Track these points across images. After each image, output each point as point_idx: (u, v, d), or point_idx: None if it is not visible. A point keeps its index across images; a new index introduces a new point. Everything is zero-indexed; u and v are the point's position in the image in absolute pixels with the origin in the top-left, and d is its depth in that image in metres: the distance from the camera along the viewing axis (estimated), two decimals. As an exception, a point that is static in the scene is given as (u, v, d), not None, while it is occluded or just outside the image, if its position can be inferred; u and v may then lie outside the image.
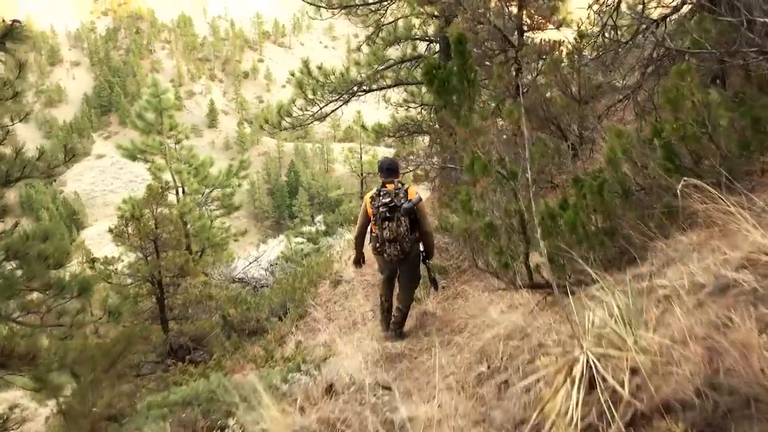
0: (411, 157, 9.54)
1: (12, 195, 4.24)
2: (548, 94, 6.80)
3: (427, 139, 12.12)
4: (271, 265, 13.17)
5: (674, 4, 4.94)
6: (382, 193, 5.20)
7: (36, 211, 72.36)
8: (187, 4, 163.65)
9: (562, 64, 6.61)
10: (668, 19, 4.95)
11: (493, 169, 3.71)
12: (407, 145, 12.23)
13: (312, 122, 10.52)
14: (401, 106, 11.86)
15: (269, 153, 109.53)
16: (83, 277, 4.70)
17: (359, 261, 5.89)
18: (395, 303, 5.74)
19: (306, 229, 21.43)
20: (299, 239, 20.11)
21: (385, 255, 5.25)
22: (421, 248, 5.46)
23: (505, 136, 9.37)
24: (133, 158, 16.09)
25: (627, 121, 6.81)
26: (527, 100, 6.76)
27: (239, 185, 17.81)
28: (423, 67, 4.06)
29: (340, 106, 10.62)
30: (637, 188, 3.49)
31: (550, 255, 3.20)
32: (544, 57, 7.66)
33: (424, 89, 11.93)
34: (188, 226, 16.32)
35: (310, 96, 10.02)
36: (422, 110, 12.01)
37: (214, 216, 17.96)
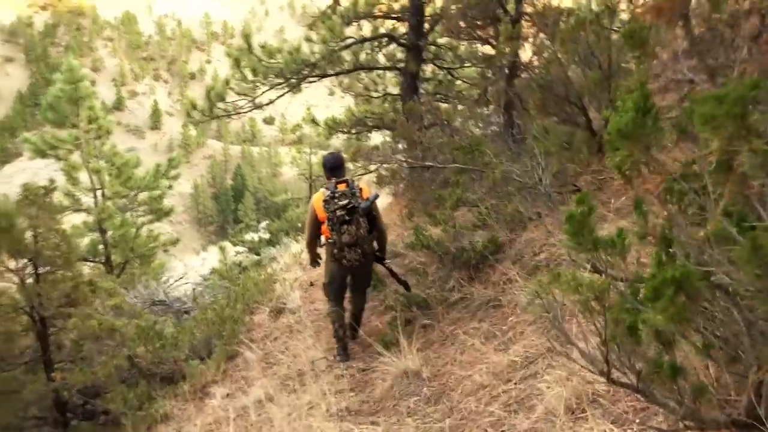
0: (374, 154, 7.73)
1: None
2: (567, 72, 5.07)
3: (388, 135, 10.29)
4: (199, 284, 11.06)
5: None
6: (337, 195, 4.81)
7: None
8: (131, 1, 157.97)
9: (582, 33, 4.88)
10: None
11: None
12: (365, 142, 10.39)
13: (252, 110, 8.56)
14: (361, 96, 10.02)
15: (215, 156, 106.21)
16: None
17: (315, 260, 5.51)
18: (349, 309, 5.44)
19: (248, 237, 19.32)
20: (239, 248, 18.02)
21: (345, 261, 4.94)
22: (375, 247, 5.19)
23: (494, 127, 7.66)
24: (42, 155, 13.68)
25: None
26: (538, 78, 5.02)
27: (169, 187, 15.59)
28: None
29: (287, 91, 8.69)
30: None
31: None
32: (547, 25, 5.96)
33: (389, 75, 10.12)
34: (107, 234, 14.04)
35: (250, 77, 8.06)
36: (386, 100, 10.21)
37: (140, 223, 15.67)
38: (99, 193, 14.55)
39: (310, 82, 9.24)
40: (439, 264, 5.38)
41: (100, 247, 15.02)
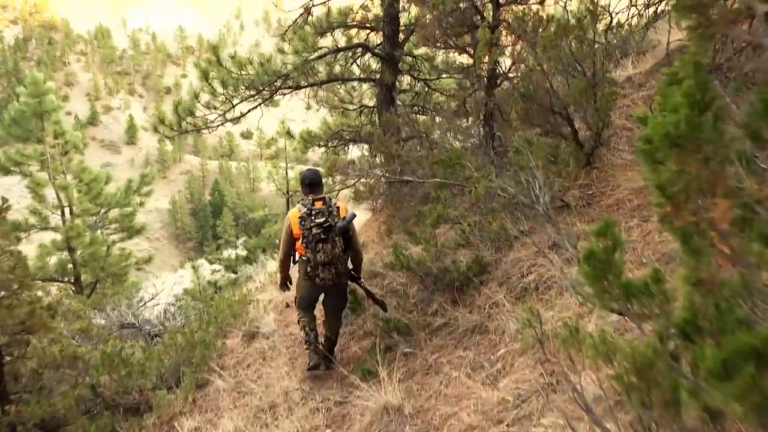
0: (350, 169, 7.41)
1: None
2: (550, 80, 4.81)
3: (365, 149, 9.98)
4: (172, 304, 10.58)
5: None
6: (314, 213, 4.68)
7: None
8: (104, 15, 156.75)
9: (569, 38, 4.64)
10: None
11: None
12: (342, 156, 10.07)
13: (222, 123, 8.19)
14: (336, 108, 9.72)
15: (192, 171, 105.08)
16: None
17: (285, 284, 5.38)
18: (321, 331, 5.28)
19: (225, 254, 18.83)
20: (216, 266, 17.54)
21: (318, 280, 4.80)
22: (350, 266, 5.05)
23: (474, 140, 7.39)
24: (6, 171, 13.12)
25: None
26: (520, 87, 4.76)
27: (141, 204, 15.06)
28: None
29: (259, 104, 8.34)
30: None
31: None
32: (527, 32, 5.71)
33: (365, 87, 9.85)
34: (75, 253, 13.50)
35: (220, 90, 7.70)
36: (362, 113, 9.92)
37: (111, 241, 15.12)
38: (67, 210, 14.02)
39: (283, 94, 8.92)
40: (421, 285, 5.07)
41: (70, 266, 14.47)
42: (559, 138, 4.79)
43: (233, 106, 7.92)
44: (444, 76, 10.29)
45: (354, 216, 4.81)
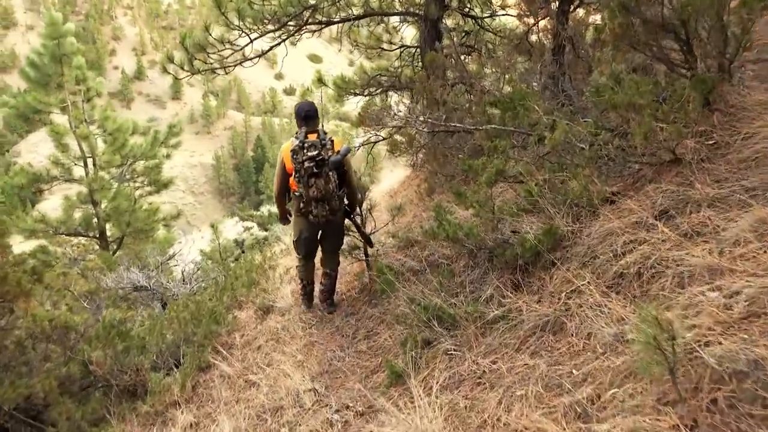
0: (386, 115, 6.23)
1: None
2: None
3: (405, 97, 8.72)
4: (196, 264, 9.71)
5: None
6: (306, 146, 4.46)
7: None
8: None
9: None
10: None
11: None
12: (377, 105, 8.86)
13: (239, 63, 7.07)
14: (373, 49, 8.47)
15: (235, 127, 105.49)
16: None
17: (285, 217, 5.15)
18: (321, 269, 5.19)
19: (260, 211, 18.02)
20: (248, 223, 16.75)
21: (311, 217, 4.66)
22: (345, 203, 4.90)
23: (535, 85, 6.04)
24: (25, 119, 12.37)
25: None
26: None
27: (167, 156, 14.21)
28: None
29: (283, 41, 7.16)
30: None
31: None
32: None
33: (408, 22, 8.54)
34: (99, 207, 12.80)
35: (236, 22, 6.54)
36: (402, 54, 8.64)
37: (138, 195, 14.40)
38: (90, 161, 13.28)
39: (312, 31, 7.71)
40: (470, 261, 3.92)
41: (95, 220, 13.83)
42: (669, 68, 3.49)
43: (251, 41, 6.77)
44: (500, 13, 8.94)
45: (348, 150, 4.55)
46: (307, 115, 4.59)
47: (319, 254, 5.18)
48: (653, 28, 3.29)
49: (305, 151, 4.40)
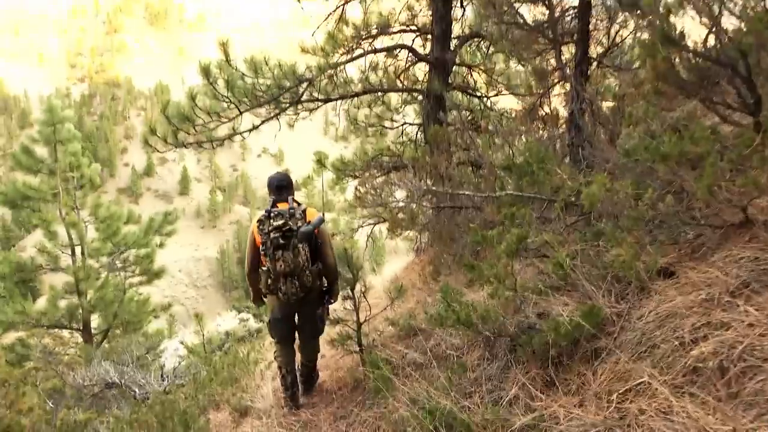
0: (384, 189, 5.64)
1: None
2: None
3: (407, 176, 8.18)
4: (179, 358, 8.83)
5: None
6: (272, 215, 4.04)
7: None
8: (165, 73, 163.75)
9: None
10: None
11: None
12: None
13: (231, 136, 6.60)
14: (373, 127, 8.05)
15: (241, 221, 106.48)
16: None
17: (260, 298, 4.55)
18: (299, 360, 4.61)
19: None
20: (244, 314, 15.92)
21: (281, 294, 4.10)
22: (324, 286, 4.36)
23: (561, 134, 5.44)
24: (12, 205, 11.90)
25: None
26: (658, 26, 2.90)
27: (160, 245, 13.60)
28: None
29: (274, 116, 6.72)
30: None
31: None
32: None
33: (408, 103, 8.16)
34: (84, 297, 12.05)
35: (224, 93, 6.11)
36: (404, 131, 8.21)
37: (128, 285, 13.67)
38: (78, 249, 12.67)
39: (310, 109, 7.31)
40: (487, 352, 3.15)
41: (80, 312, 13.03)
42: (722, 116, 2.90)
43: (240, 113, 6.33)
44: (504, 93, 8.61)
45: (322, 220, 4.11)
46: (279, 185, 4.31)
47: None
48: (701, 65, 2.71)
49: (271, 220, 4.03)
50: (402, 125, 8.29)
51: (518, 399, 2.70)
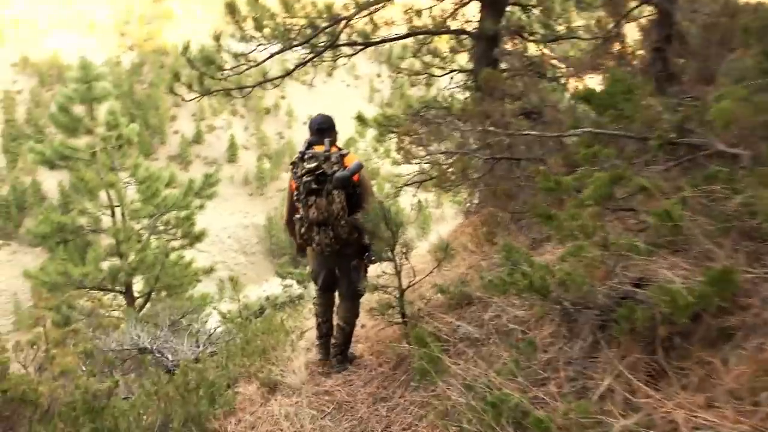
0: (432, 136, 4.95)
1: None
2: None
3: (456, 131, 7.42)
4: (218, 324, 8.46)
5: None
6: (306, 157, 3.77)
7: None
8: (211, 41, 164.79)
9: None
10: None
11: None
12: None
13: (259, 84, 5.99)
14: (420, 75, 7.31)
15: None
16: None
17: (302, 249, 4.22)
18: (335, 320, 4.26)
19: (299, 269, 16.90)
20: (288, 281, 15.63)
21: (315, 245, 3.87)
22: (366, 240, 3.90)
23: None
24: (51, 166, 11.71)
25: None
26: None
27: (201, 207, 13.27)
28: None
29: (312, 58, 6.07)
30: None
31: None
32: None
33: (462, 40, 7.34)
34: (125, 260, 11.85)
35: (251, 32, 5.48)
36: (452, 79, 7.42)
37: (170, 248, 13.44)
38: (118, 211, 12.46)
39: (348, 55, 6.61)
40: (563, 327, 2.47)
41: (121, 274, 12.89)
42: None
43: (271, 55, 5.69)
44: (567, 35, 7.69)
45: (361, 166, 3.76)
46: (320, 127, 4.00)
47: None
48: None
49: (304, 163, 3.76)
50: (451, 72, 7.50)
51: (613, 392, 2.02)
